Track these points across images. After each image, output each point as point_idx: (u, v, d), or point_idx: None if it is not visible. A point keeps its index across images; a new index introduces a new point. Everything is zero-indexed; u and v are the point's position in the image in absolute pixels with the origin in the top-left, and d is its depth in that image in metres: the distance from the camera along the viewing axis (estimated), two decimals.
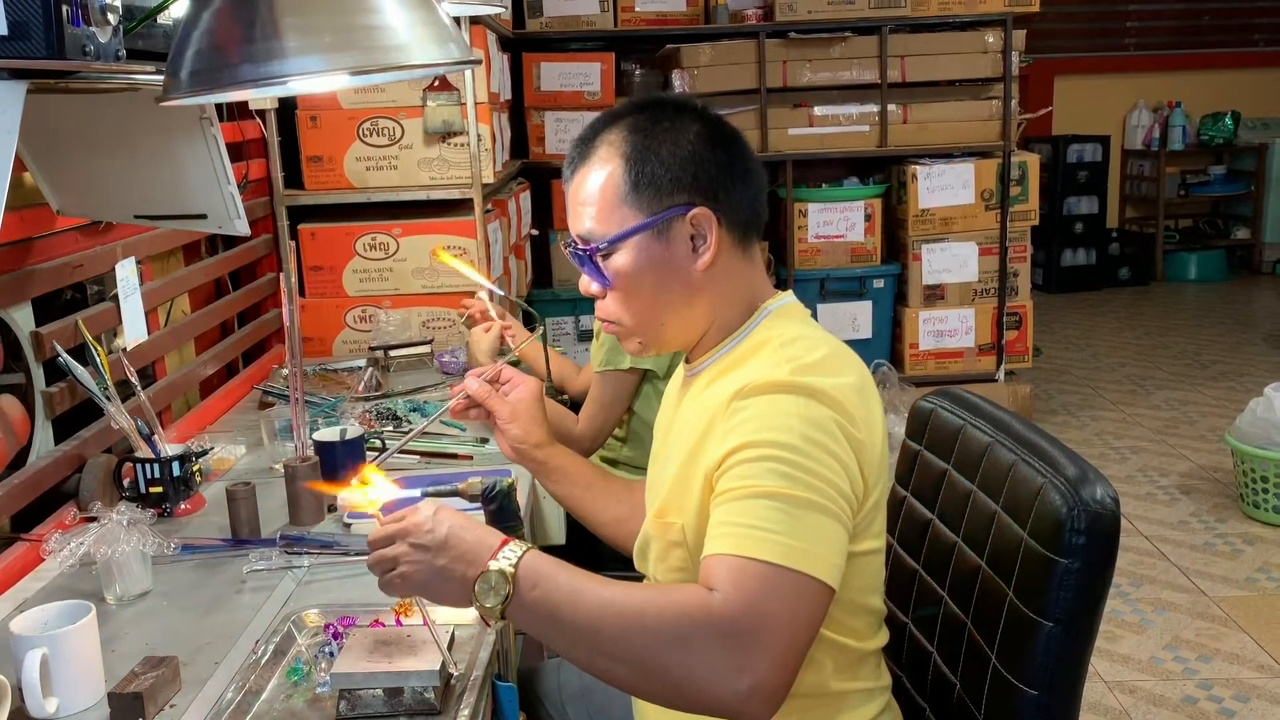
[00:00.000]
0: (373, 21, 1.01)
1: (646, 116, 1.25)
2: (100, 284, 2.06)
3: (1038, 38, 5.96)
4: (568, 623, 1.07)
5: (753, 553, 1.05)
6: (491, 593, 1.07)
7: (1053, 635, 1.15)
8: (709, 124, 1.26)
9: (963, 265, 4.50)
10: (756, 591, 1.04)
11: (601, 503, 1.51)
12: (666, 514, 1.24)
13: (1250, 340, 5.93)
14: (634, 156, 1.22)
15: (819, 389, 1.13)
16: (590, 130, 1.28)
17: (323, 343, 2.96)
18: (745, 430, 1.12)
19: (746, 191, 1.26)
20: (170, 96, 1.02)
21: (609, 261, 1.24)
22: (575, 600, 1.07)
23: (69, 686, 1.19)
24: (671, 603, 1.05)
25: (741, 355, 1.24)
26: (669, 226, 1.22)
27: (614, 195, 1.23)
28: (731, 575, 1.05)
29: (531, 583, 1.07)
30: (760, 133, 4.36)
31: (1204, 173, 7.71)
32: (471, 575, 1.08)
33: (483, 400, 1.48)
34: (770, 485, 1.08)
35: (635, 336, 1.29)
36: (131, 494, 1.75)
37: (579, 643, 1.07)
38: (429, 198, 2.98)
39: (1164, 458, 4.22)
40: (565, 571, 1.09)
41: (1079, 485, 1.16)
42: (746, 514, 1.07)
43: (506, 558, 1.09)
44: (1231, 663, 2.74)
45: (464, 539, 1.10)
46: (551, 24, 4.37)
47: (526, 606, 1.07)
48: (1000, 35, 4.38)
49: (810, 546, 1.06)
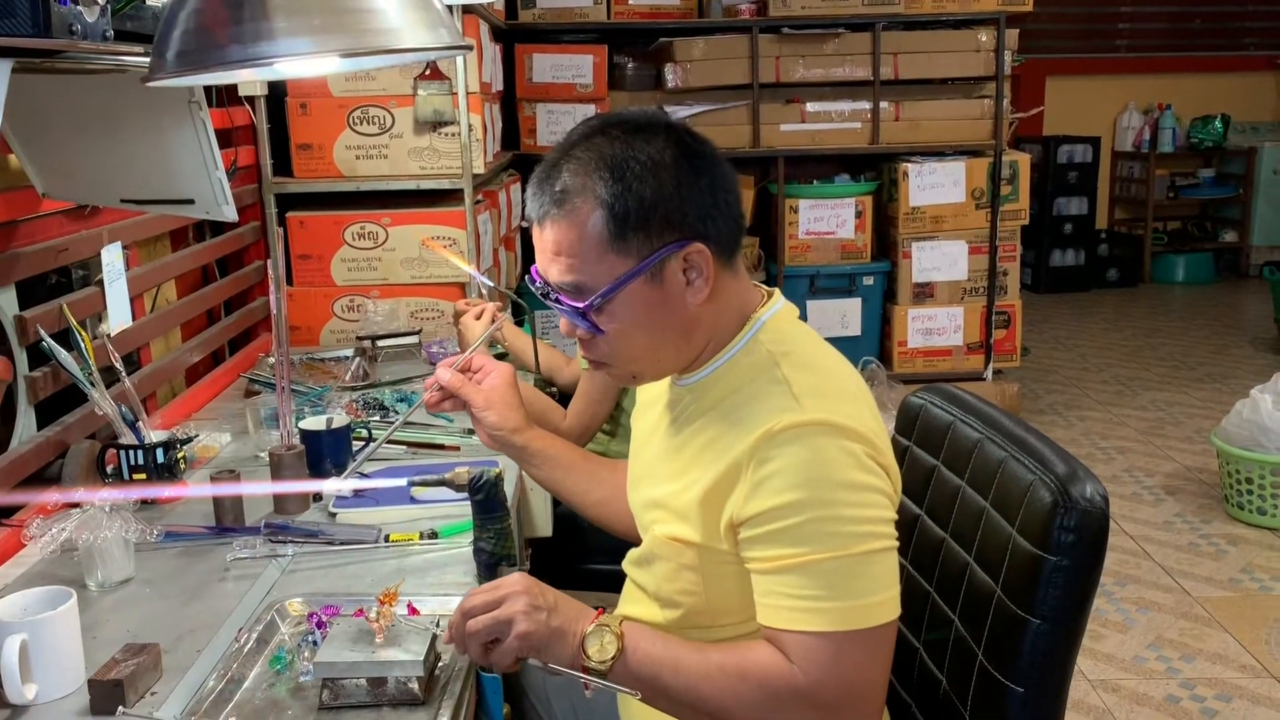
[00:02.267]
0: (363, 4, 1.00)
1: (615, 149, 1.15)
2: (86, 268, 2.05)
3: (1030, 38, 5.97)
4: (668, 688, 1.14)
5: (815, 626, 1.09)
6: (605, 647, 1.13)
7: (1040, 633, 1.15)
8: (682, 146, 1.17)
9: (952, 264, 4.50)
10: (829, 663, 1.09)
11: (584, 485, 1.50)
12: (679, 538, 1.21)
13: (1236, 343, 5.96)
14: (614, 202, 1.13)
15: (842, 426, 1.12)
16: (551, 169, 1.17)
17: (310, 332, 2.94)
18: (776, 488, 1.10)
19: (729, 209, 1.20)
20: (157, 76, 1.00)
21: (601, 313, 1.17)
22: (675, 668, 1.14)
23: (49, 673, 1.18)
24: (763, 681, 1.11)
25: (741, 374, 1.20)
26: (662, 267, 1.16)
27: (598, 244, 1.14)
28: (801, 651, 1.10)
29: (633, 645, 1.14)
30: (752, 128, 4.35)
31: (1193, 175, 7.73)
32: (582, 630, 1.14)
33: (456, 390, 1.45)
34: (816, 554, 1.09)
35: (628, 374, 1.25)
36: (115, 480, 1.73)
37: (684, 707, 1.16)
38: (419, 187, 2.96)
39: (1150, 458, 4.23)
40: (662, 637, 1.17)
41: (1069, 483, 1.15)
42: (799, 587, 1.10)
43: (607, 624, 1.15)
44: (1214, 663, 2.75)
45: (571, 603, 1.17)
46: (544, 15, 4.35)
47: (629, 667, 1.14)
48: (993, 34, 4.38)
49: (864, 600, 1.10)
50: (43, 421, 1.81)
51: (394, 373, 2.51)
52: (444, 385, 1.45)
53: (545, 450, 1.49)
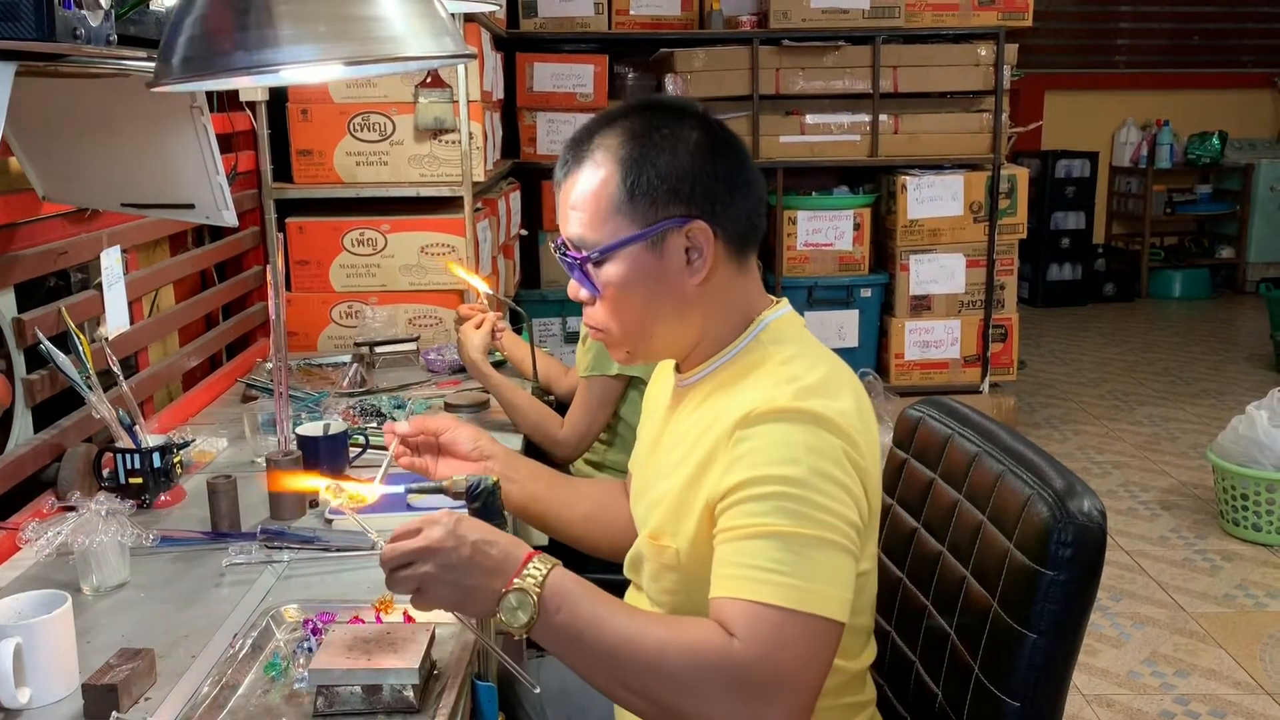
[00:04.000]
0: (368, 12, 1.01)
1: (644, 121, 1.21)
2: (85, 272, 2.04)
3: (1029, 52, 5.98)
4: (589, 651, 1.08)
5: (764, 598, 1.05)
6: (518, 612, 1.07)
7: (1036, 647, 1.15)
8: (709, 131, 1.22)
9: (950, 276, 4.51)
10: (773, 641, 1.05)
11: (568, 498, 1.49)
12: (661, 536, 1.22)
13: (1232, 359, 5.97)
14: (630, 164, 1.18)
15: (824, 416, 1.11)
16: (585, 131, 1.23)
17: (308, 337, 2.94)
18: (750, 463, 1.10)
19: (745, 204, 1.23)
20: (162, 82, 1.01)
21: (600, 270, 1.21)
22: (597, 630, 1.07)
23: (42, 677, 1.18)
24: (690, 647, 1.06)
25: (738, 372, 1.22)
26: (663, 239, 1.19)
27: (607, 203, 1.19)
28: (748, 622, 1.05)
29: (556, 605, 1.08)
30: (752, 139, 4.36)
31: (1190, 191, 7.75)
32: (499, 590, 1.08)
33: (419, 426, 1.42)
34: (778, 524, 1.07)
35: (623, 346, 1.27)
36: (111, 484, 1.73)
37: (599, 672, 1.09)
38: (419, 194, 2.96)
39: (1145, 473, 4.23)
40: (589, 595, 1.10)
41: (1066, 497, 1.16)
42: (756, 555, 1.07)
43: (532, 575, 1.08)
44: (1209, 679, 2.75)
45: (489, 555, 1.09)
46: (546, 24, 4.36)
47: (551, 629, 1.08)
48: (992, 49, 4.40)
49: (820, 586, 1.06)
50: (40, 424, 1.80)
51: (391, 379, 2.51)
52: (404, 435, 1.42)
53: (525, 465, 1.48)
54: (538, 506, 1.48)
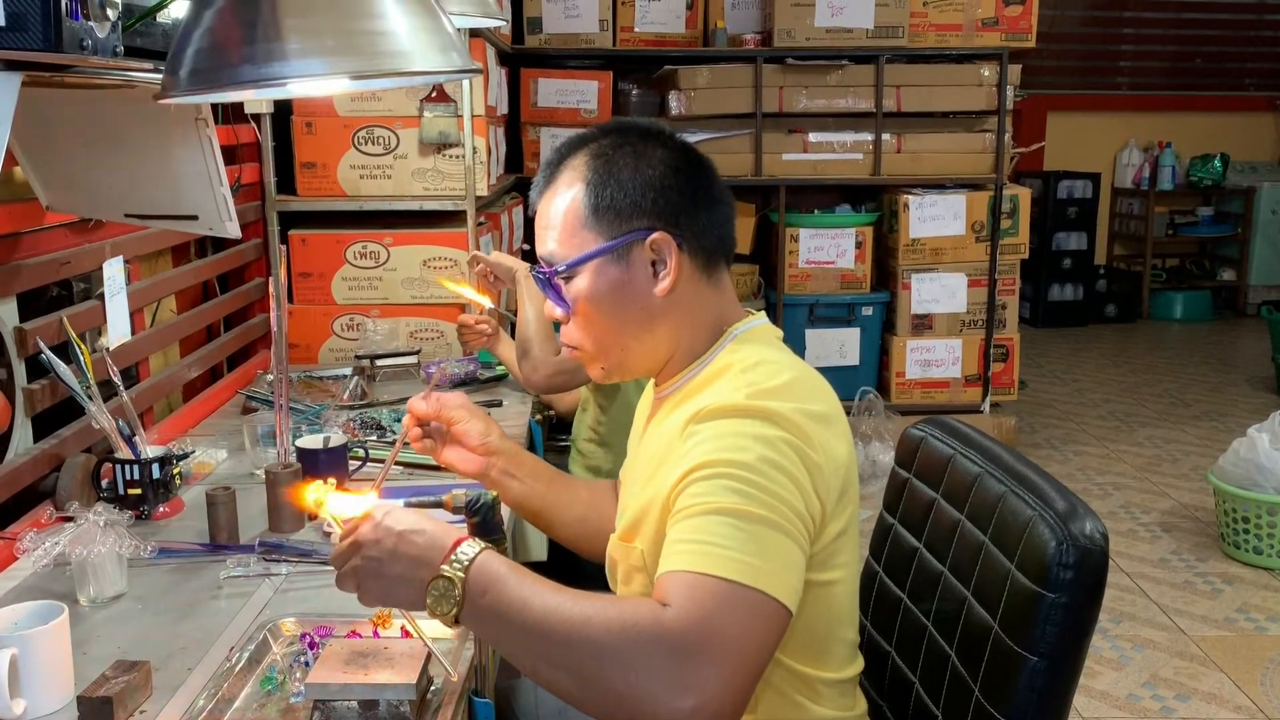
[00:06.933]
0: (375, 26, 1.01)
1: (611, 141, 1.25)
2: (87, 282, 2.05)
3: (1032, 73, 6.00)
4: (515, 631, 1.04)
5: (707, 569, 1.03)
6: (443, 600, 1.05)
7: (1037, 670, 1.15)
8: (674, 150, 1.26)
9: (951, 296, 4.51)
10: (710, 607, 1.01)
11: (566, 498, 1.49)
12: (630, 538, 1.24)
13: (1233, 381, 5.96)
14: (595, 181, 1.22)
15: (774, 412, 1.12)
16: (556, 154, 1.29)
17: (309, 350, 2.94)
18: (700, 452, 1.11)
19: (712, 218, 1.26)
20: (169, 94, 1.01)
21: (570, 285, 1.24)
22: (524, 606, 1.03)
23: (38, 688, 1.17)
24: (620, 614, 1.02)
25: (703, 380, 1.24)
26: (628, 251, 1.22)
27: (575, 219, 1.23)
28: (685, 590, 1.02)
29: (482, 588, 1.05)
30: (755, 157, 4.37)
31: (1192, 213, 7.76)
32: (425, 578, 1.06)
33: (436, 410, 1.40)
34: (726, 502, 1.07)
35: (598, 361, 1.29)
36: (109, 495, 1.72)
37: (525, 650, 1.04)
38: (422, 208, 2.97)
39: (1146, 495, 4.22)
40: (517, 576, 1.06)
41: (1068, 519, 1.15)
42: (702, 531, 1.06)
43: (458, 561, 1.06)
44: (1209, 702, 2.73)
45: (414, 543, 1.07)
46: (551, 41, 4.38)
47: (478, 612, 1.05)
48: (995, 69, 4.41)
49: (766, 565, 1.04)
50: (39, 434, 1.80)
51: (392, 392, 2.50)
52: (421, 414, 1.40)
53: (529, 463, 1.48)
54: (536, 504, 1.48)
